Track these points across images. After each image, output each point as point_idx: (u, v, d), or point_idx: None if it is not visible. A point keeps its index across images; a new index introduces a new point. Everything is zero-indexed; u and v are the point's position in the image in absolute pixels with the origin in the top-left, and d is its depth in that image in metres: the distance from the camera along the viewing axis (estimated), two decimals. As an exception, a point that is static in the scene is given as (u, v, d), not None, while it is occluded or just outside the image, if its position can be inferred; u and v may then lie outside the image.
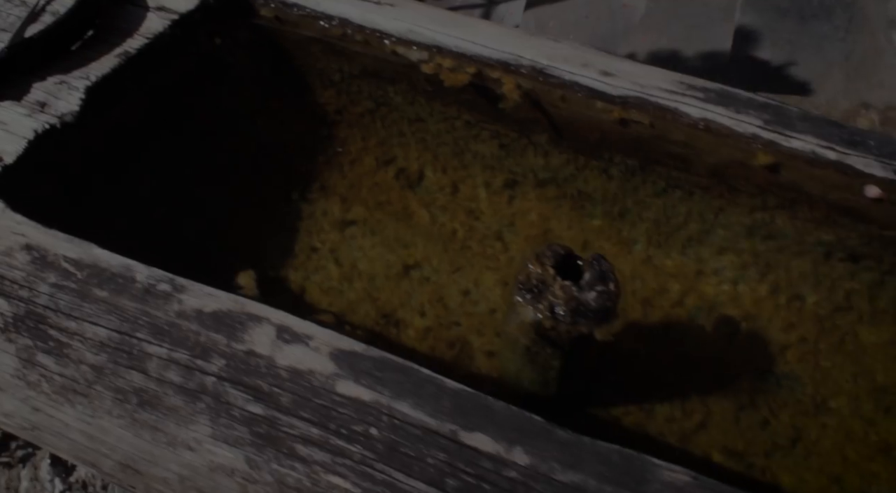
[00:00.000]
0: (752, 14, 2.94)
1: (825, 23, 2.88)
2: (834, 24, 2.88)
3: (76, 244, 1.01)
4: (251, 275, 1.16)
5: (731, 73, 2.84)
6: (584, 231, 1.34)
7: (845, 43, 2.85)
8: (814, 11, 2.93)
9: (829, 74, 2.77)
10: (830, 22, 2.89)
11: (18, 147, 1.13)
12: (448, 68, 1.26)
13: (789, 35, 2.87)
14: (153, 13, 1.31)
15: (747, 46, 2.87)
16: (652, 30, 3.20)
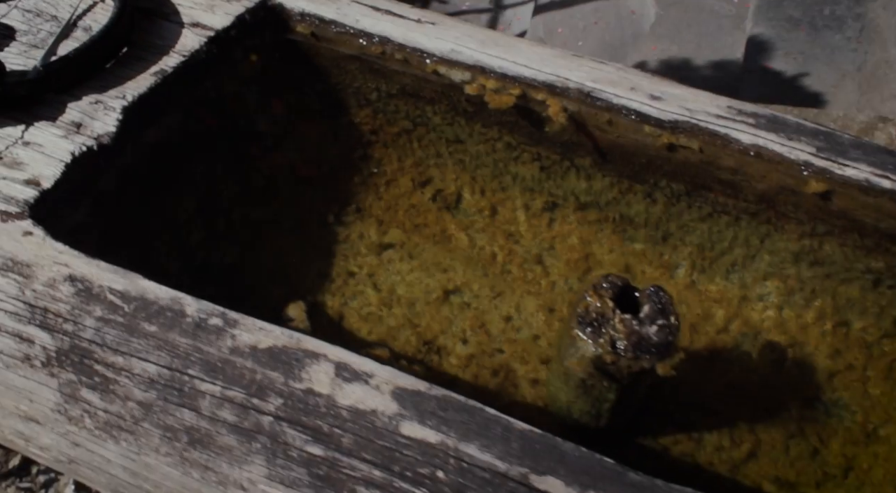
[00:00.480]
0: (764, 24, 2.93)
1: (836, 33, 2.86)
2: (846, 35, 2.86)
3: (122, 275, 0.98)
4: (301, 306, 1.13)
5: (744, 83, 2.83)
6: (625, 255, 1.31)
7: (857, 54, 2.83)
8: (825, 22, 2.92)
9: (842, 86, 2.76)
10: (842, 32, 2.87)
11: (55, 171, 1.09)
12: (492, 90, 1.24)
13: (801, 46, 2.85)
14: (188, 30, 1.28)
15: (760, 57, 2.85)
16: (663, 38, 3.18)
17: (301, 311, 1.13)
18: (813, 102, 2.67)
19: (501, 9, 3.70)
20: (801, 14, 2.94)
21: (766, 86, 2.74)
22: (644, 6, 3.35)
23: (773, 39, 2.88)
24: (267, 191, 1.33)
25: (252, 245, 1.29)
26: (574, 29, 3.32)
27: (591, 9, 3.43)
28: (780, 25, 2.93)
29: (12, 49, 1.24)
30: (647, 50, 3.08)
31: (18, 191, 1.07)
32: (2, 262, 1.00)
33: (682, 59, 3.07)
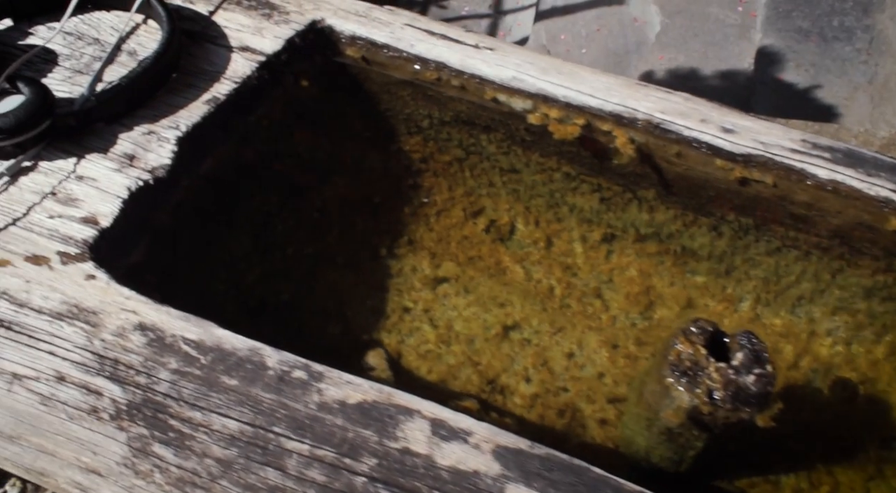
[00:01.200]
0: (774, 35, 2.91)
1: (847, 45, 2.85)
2: (855, 47, 2.85)
3: (194, 324, 0.93)
4: (381, 354, 1.08)
5: (757, 95, 2.80)
6: (686, 288, 1.28)
7: (868, 65, 2.82)
8: (834, 33, 2.90)
9: (855, 98, 2.75)
10: (852, 44, 2.86)
11: (113, 208, 1.04)
12: (556, 119, 1.19)
13: (812, 57, 2.84)
14: (237, 54, 1.22)
15: (771, 68, 2.83)
16: (669, 47, 3.16)
17: (382, 359, 1.08)
18: (827, 114, 2.66)
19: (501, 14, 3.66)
20: (811, 25, 2.93)
21: (779, 98, 2.72)
22: (647, 14, 3.33)
23: (783, 51, 2.86)
24: (320, 224, 1.28)
25: (306, 281, 1.24)
26: (577, 36, 3.29)
27: (593, 16, 3.40)
28: (790, 36, 2.91)
29: (56, 75, 1.18)
30: (654, 59, 3.05)
31: (76, 230, 1.01)
32: (66, 308, 0.94)
33: (690, 69, 3.04)
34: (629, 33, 3.33)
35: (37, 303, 0.94)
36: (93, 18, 1.26)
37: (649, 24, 3.36)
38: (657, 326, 1.25)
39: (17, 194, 1.05)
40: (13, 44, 1.22)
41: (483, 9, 3.67)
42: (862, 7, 2.95)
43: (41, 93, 1.08)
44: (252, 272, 1.20)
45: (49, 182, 1.06)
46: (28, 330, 0.93)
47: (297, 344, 0.99)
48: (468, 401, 1.12)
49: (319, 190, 1.30)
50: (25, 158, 1.08)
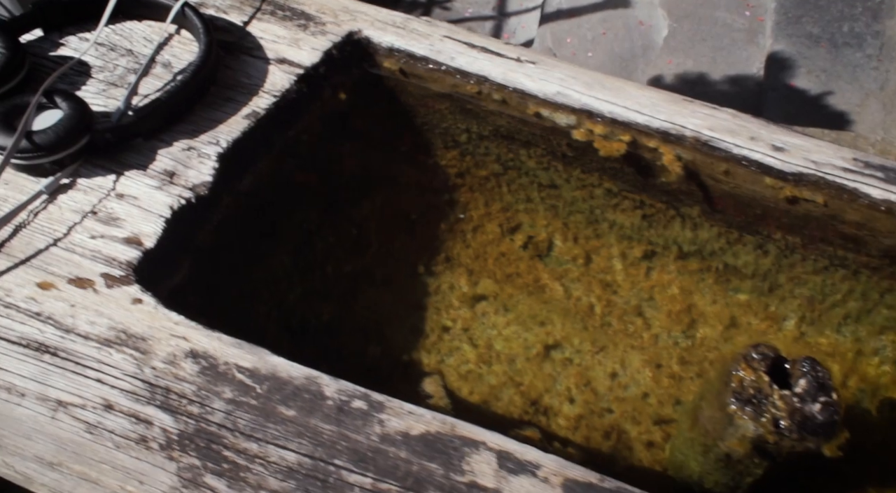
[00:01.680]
0: (784, 41, 2.89)
1: (857, 51, 2.84)
2: (866, 53, 2.84)
3: (247, 351, 0.90)
4: (437, 381, 1.06)
5: (769, 101, 2.79)
6: (729, 306, 1.25)
7: (879, 72, 2.81)
8: (845, 39, 2.89)
9: (866, 105, 2.74)
10: (862, 50, 2.85)
11: (156, 227, 1.01)
12: (601, 135, 1.17)
13: (823, 63, 2.82)
14: (275, 66, 1.19)
15: (782, 74, 2.82)
16: (677, 51, 3.14)
17: (439, 386, 1.06)
18: (839, 121, 2.64)
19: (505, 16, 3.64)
20: (821, 31, 2.92)
21: (791, 105, 2.70)
22: (653, 17, 3.31)
23: (794, 57, 2.85)
24: (359, 241, 1.25)
25: (346, 300, 1.21)
26: (583, 39, 3.27)
27: (598, 19, 3.38)
28: (801, 42, 2.90)
29: (90, 88, 1.15)
30: (662, 63, 3.03)
31: (120, 251, 0.98)
32: (114, 334, 0.91)
33: (698, 74, 3.03)
34: (635, 37, 3.31)
35: (83, 328, 0.91)
36: (125, 29, 1.23)
37: (655, 27, 3.35)
38: (700, 345, 1.23)
39: (56, 213, 1.01)
40: (45, 55, 1.18)
41: (487, 11, 3.65)
42: (871, 13, 2.94)
43: (79, 108, 1.05)
44: (293, 292, 1.17)
45: (89, 200, 1.03)
46: (75, 357, 0.90)
47: (338, 366, 0.96)
48: (529, 430, 1.09)
49: (358, 206, 1.27)
50: (64, 176, 1.04)
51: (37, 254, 0.97)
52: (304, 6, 1.28)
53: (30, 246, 0.98)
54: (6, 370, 0.91)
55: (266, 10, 1.27)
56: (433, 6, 3.64)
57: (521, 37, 3.55)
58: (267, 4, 1.28)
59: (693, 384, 1.19)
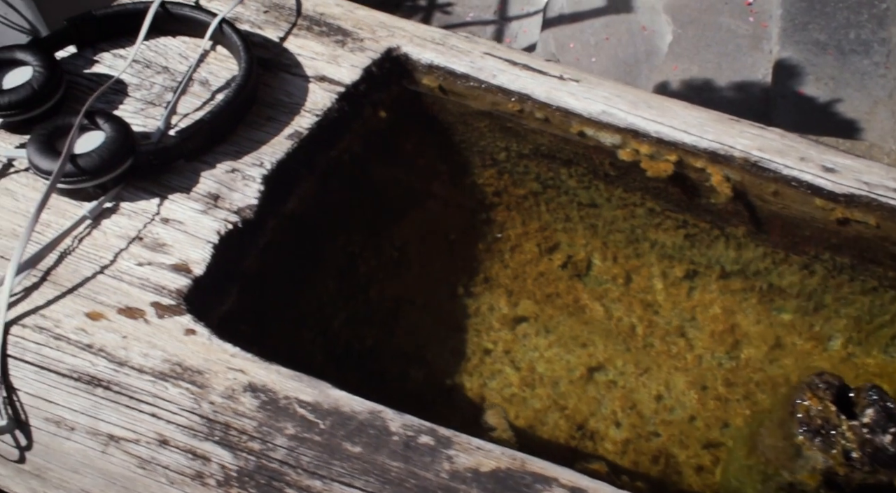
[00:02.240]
0: (792, 48, 2.89)
1: (864, 58, 2.84)
2: (873, 60, 2.84)
3: (307, 384, 0.87)
4: (500, 413, 1.04)
5: (778, 110, 2.78)
6: (773, 326, 1.24)
7: (886, 79, 2.81)
8: (851, 46, 2.89)
9: (875, 113, 2.73)
10: (869, 57, 2.85)
11: (204, 254, 0.98)
12: (646, 155, 1.15)
13: (831, 71, 2.82)
14: (315, 84, 1.17)
15: (791, 82, 2.81)
16: (682, 57, 3.13)
17: (502, 418, 1.04)
18: (850, 130, 2.64)
19: (507, 20, 3.62)
20: (828, 38, 2.91)
21: (800, 113, 2.70)
22: (656, 23, 3.30)
23: (801, 64, 2.84)
24: (400, 264, 1.23)
25: (388, 324, 1.19)
26: (586, 44, 3.26)
27: (601, 24, 3.37)
28: (808, 49, 2.90)
29: (127, 107, 1.12)
30: (668, 69, 3.02)
31: (169, 279, 0.95)
32: (169, 367, 0.88)
33: (704, 80, 3.02)
34: (638, 42, 3.30)
35: (137, 361, 0.88)
36: (159, 45, 1.20)
37: (658, 32, 3.34)
38: (745, 366, 1.22)
39: (101, 239, 0.99)
40: (79, 73, 1.15)
41: (488, 15, 3.63)
42: (877, 20, 2.94)
43: (122, 129, 1.02)
44: (338, 317, 1.15)
45: (133, 225, 1.00)
46: (129, 391, 0.87)
47: (381, 391, 0.94)
48: (596, 464, 1.07)
49: (398, 227, 1.25)
50: (107, 200, 1.01)
51: (84, 282, 0.94)
52: (340, 21, 1.26)
53: (76, 274, 0.95)
54: (55, 403, 0.89)
55: (302, 25, 1.25)
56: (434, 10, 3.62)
57: (523, 41, 3.53)
58: (302, 20, 1.25)
59: (740, 407, 1.17)
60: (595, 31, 3.37)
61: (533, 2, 3.63)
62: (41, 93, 1.06)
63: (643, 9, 3.41)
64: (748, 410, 1.17)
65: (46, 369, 0.88)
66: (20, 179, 1.04)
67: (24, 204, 1.01)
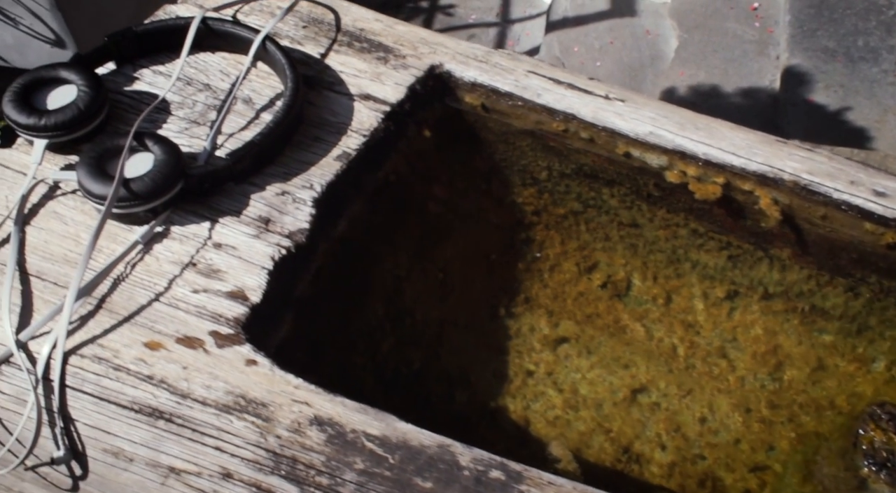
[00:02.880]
0: (800, 55, 2.89)
1: (873, 66, 2.84)
2: (882, 68, 2.84)
3: (374, 417, 0.86)
4: (564, 445, 1.03)
5: (789, 117, 2.78)
6: (815, 347, 1.24)
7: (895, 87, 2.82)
8: (860, 54, 2.90)
9: (886, 121, 2.74)
10: (878, 65, 2.85)
11: (260, 280, 0.96)
12: (693, 177, 1.14)
13: (840, 78, 2.82)
14: (359, 103, 1.15)
15: (800, 89, 2.81)
16: (689, 63, 3.13)
17: (566, 450, 1.03)
18: (860, 138, 2.65)
19: (509, 23, 3.61)
20: (836, 45, 2.91)
21: (811, 121, 2.70)
22: (660, 27, 3.30)
23: (811, 71, 2.84)
24: (444, 285, 1.22)
25: (433, 347, 1.18)
26: (590, 48, 3.25)
27: (605, 27, 3.36)
28: (817, 56, 2.90)
29: (171, 126, 1.10)
30: (675, 75, 3.02)
31: (225, 307, 0.94)
32: (232, 400, 0.87)
33: (711, 86, 3.02)
34: (643, 46, 3.30)
35: (199, 393, 0.87)
36: (199, 61, 1.18)
37: (662, 36, 3.33)
38: (788, 388, 1.21)
39: (154, 265, 0.97)
40: (120, 90, 1.13)
41: (490, 17, 3.61)
42: (885, 27, 2.94)
43: (172, 151, 1.00)
44: (386, 341, 1.14)
45: (186, 250, 0.98)
46: (193, 423, 0.86)
47: (427, 415, 0.93)
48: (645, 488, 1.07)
49: (441, 248, 1.24)
50: (157, 224, 1.00)
51: (140, 310, 0.93)
52: (381, 37, 1.24)
53: (132, 301, 0.93)
54: (114, 435, 0.87)
55: (342, 41, 1.23)
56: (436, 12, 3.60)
57: (526, 44, 3.52)
58: (342, 35, 1.24)
59: (785, 429, 1.17)
60: (599, 35, 3.36)
61: (535, 4, 3.62)
62: (87, 113, 1.04)
63: (647, 12, 3.41)
64: (793, 432, 1.16)
65: (106, 401, 0.87)
66: (68, 202, 1.02)
67: (74, 228, 0.99)
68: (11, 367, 0.90)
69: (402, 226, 1.18)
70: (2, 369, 0.90)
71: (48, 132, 1.02)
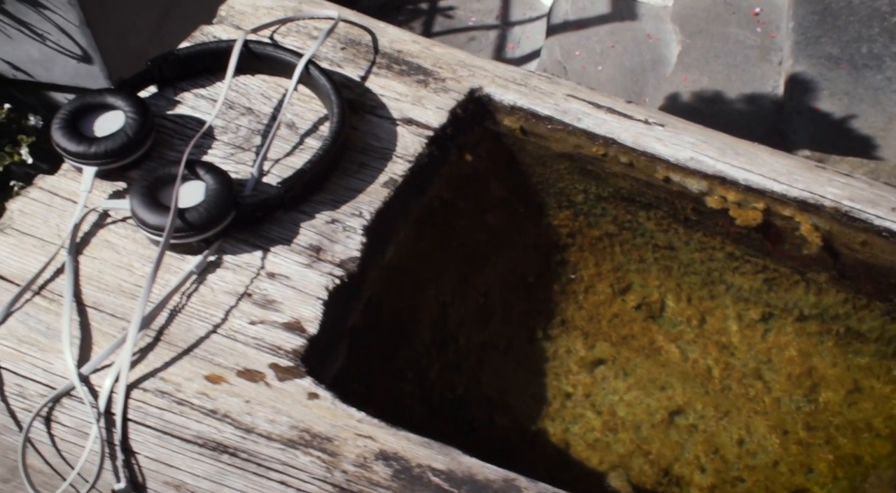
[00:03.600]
0: (805, 62, 2.91)
1: (877, 73, 2.87)
2: (886, 75, 2.87)
3: (438, 451, 0.87)
4: (622, 475, 1.04)
5: (795, 125, 2.80)
6: (850, 369, 1.25)
7: (900, 95, 2.84)
8: (864, 61, 2.92)
9: (890, 129, 2.76)
10: (882, 72, 2.88)
11: (316, 311, 0.97)
12: (734, 202, 1.15)
13: (845, 86, 2.84)
14: (402, 128, 1.16)
15: (806, 97, 2.83)
16: (692, 68, 3.14)
17: (624, 481, 1.04)
18: (866, 147, 2.67)
19: (509, 26, 3.62)
20: (840, 52, 2.93)
21: (817, 129, 2.72)
22: (661, 31, 3.32)
23: (815, 79, 2.86)
24: (484, 310, 1.23)
25: (474, 372, 1.19)
26: (591, 52, 3.26)
27: (606, 31, 3.37)
28: (821, 64, 2.92)
29: (216, 152, 1.10)
30: (678, 81, 3.03)
31: (284, 339, 0.94)
32: (297, 434, 0.87)
33: (714, 92, 3.04)
34: (644, 50, 3.31)
35: (264, 428, 0.87)
36: (240, 84, 1.18)
37: (663, 40, 3.35)
38: (824, 410, 1.23)
39: (209, 296, 0.97)
40: (163, 114, 1.13)
41: (490, 19, 3.62)
42: (888, 33, 2.97)
43: (224, 180, 1.01)
44: (433, 368, 1.14)
45: (240, 280, 0.99)
46: (258, 458, 0.86)
47: (471, 440, 0.94)
48: None
49: (482, 273, 1.24)
50: (210, 253, 1.00)
51: (199, 342, 0.93)
52: (420, 60, 1.24)
53: (190, 333, 0.94)
54: (177, 468, 0.87)
55: (381, 63, 1.24)
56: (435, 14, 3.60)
57: (527, 47, 3.52)
58: (380, 57, 1.24)
59: (822, 451, 1.18)
60: (600, 39, 3.37)
61: (535, 6, 3.62)
62: (135, 139, 1.04)
63: (647, 16, 3.42)
64: (831, 455, 1.18)
65: (169, 435, 0.87)
66: (118, 231, 1.02)
67: (127, 257, 0.99)
68: (72, 400, 0.90)
69: (446, 251, 1.19)
70: (61, 401, 0.90)
71: (98, 159, 1.02)
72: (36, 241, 0.99)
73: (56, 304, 0.94)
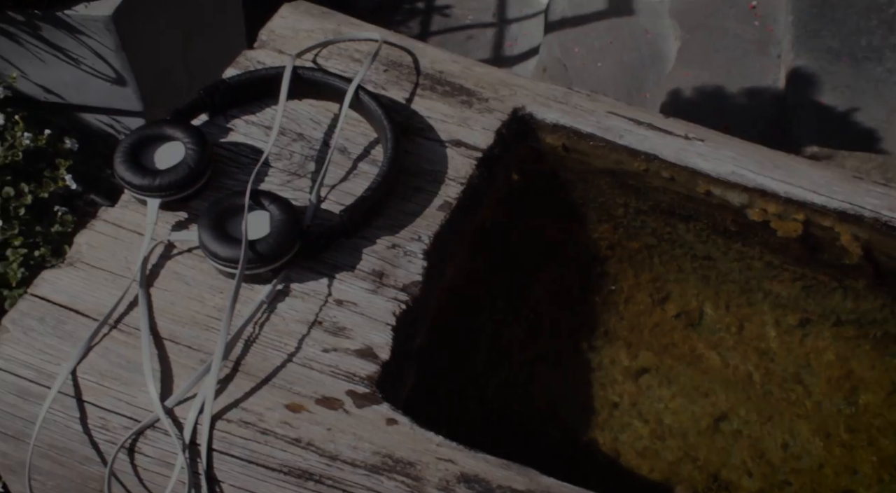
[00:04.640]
0: (806, 56, 2.94)
1: (878, 65, 2.91)
2: (886, 67, 2.91)
3: (517, 472, 0.90)
4: (689, 489, 1.07)
5: (798, 119, 2.84)
6: (889, 372, 1.29)
7: (900, 87, 2.88)
8: (864, 53, 2.96)
9: (892, 121, 2.80)
10: (882, 64, 2.92)
11: (386, 337, 1.00)
12: (774, 214, 1.19)
13: (846, 79, 2.88)
14: (452, 150, 1.18)
15: (808, 91, 2.87)
16: (692, 63, 3.17)
17: None
18: (869, 140, 2.71)
19: (506, 23, 3.63)
20: (840, 45, 2.97)
21: (819, 122, 2.76)
22: (658, 26, 3.34)
23: (817, 72, 2.90)
24: (534, 325, 1.26)
25: (527, 386, 1.22)
26: (590, 49, 3.29)
27: (604, 27, 3.40)
28: (822, 57, 2.95)
29: (273, 179, 1.13)
30: (679, 76, 3.06)
31: (357, 366, 0.97)
32: (380, 460, 0.90)
33: (716, 87, 3.07)
34: (643, 46, 3.34)
35: (347, 455, 0.90)
36: (289, 110, 1.21)
37: (661, 35, 3.37)
38: (865, 412, 1.26)
39: (281, 325, 1.00)
40: (216, 142, 1.16)
41: (487, 17, 3.63)
42: (887, 25, 3.01)
43: (289, 209, 1.03)
44: (490, 386, 1.17)
45: (309, 308, 1.01)
46: (343, 484, 0.89)
47: (529, 454, 0.97)
48: None
49: (531, 288, 1.27)
50: (279, 282, 1.02)
51: (276, 372, 0.95)
52: (461, 80, 1.27)
53: (267, 363, 0.96)
54: (262, 497, 0.90)
55: (424, 84, 1.26)
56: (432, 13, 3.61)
57: (525, 44, 3.54)
58: (423, 78, 1.26)
59: (866, 453, 1.22)
60: (599, 35, 3.39)
61: (532, 3, 3.64)
62: (197, 170, 1.06)
63: (645, 11, 3.44)
64: (874, 456, 1.21)
65: (255, 464, 0.90)
66: (185, 261, 1.04)
67: (197, 288, 1.02)
68: (155, 431, 0.92)
69: (497, 270, 1.22)
70: (144, 433, 0.92)
71: (162, 192, 1.04)
72: (107, 274, 1.01)
73: (133, 337, 0.96)
